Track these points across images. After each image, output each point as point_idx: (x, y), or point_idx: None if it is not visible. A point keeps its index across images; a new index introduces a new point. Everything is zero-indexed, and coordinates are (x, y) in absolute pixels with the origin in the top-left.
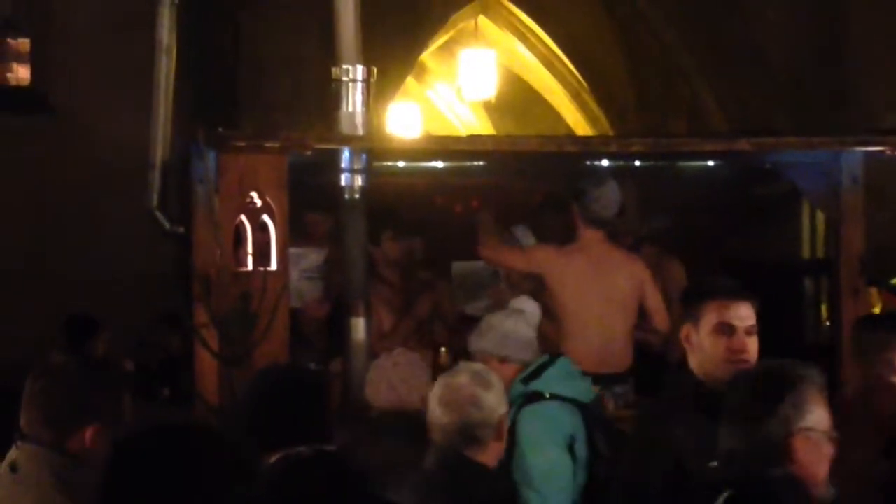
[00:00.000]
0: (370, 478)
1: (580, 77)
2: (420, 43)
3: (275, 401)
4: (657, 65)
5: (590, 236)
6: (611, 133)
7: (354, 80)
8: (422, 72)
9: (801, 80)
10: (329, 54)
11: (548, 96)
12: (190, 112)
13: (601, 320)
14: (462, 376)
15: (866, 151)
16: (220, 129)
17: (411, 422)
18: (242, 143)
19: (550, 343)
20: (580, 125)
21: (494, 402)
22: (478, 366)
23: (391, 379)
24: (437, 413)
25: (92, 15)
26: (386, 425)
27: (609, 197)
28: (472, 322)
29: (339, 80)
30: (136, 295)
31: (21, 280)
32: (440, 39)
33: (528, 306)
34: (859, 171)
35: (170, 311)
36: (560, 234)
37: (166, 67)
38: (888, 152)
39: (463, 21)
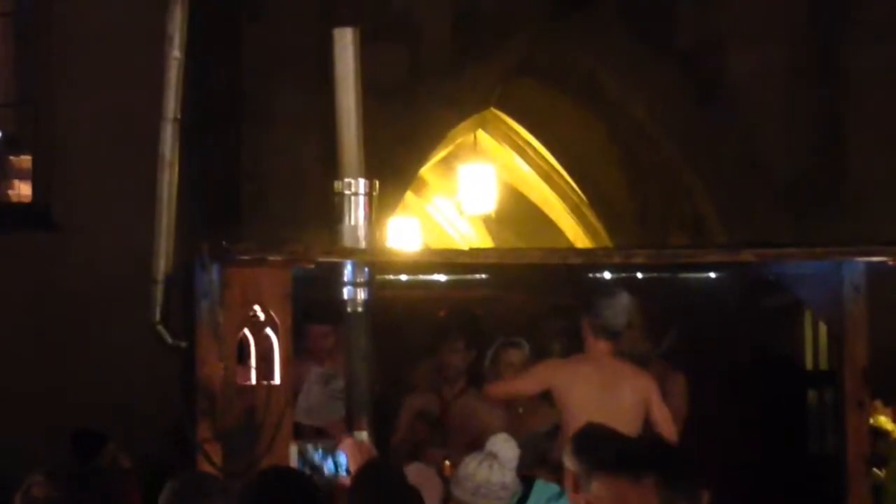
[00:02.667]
0: None
1: (580, 191)
2: (419, 157)
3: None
4: (658, 179)
5: (598, 348)
6: (611, 246)
7: (356, 194)
8: (421, 186)
9: (803, 192)
10: (331, 166)
11: (547, 210)
12: (192, 226)
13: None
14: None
15: (868, 262)
16: (224, 243)
17: None
18: (246, 257)
19: None
20: (580, 239)
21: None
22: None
23: None
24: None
25: (94, 130)
26: None
27: (619, 308)
28: None
29: (341, 194)
30: (139, 410)
31: (23, 395)
32: (439, 154)
33: (503, 449)
34: (861, 281)
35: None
36: (562, 342)
37: (169, 181)
38: (890, 262)
39: (462, 135)
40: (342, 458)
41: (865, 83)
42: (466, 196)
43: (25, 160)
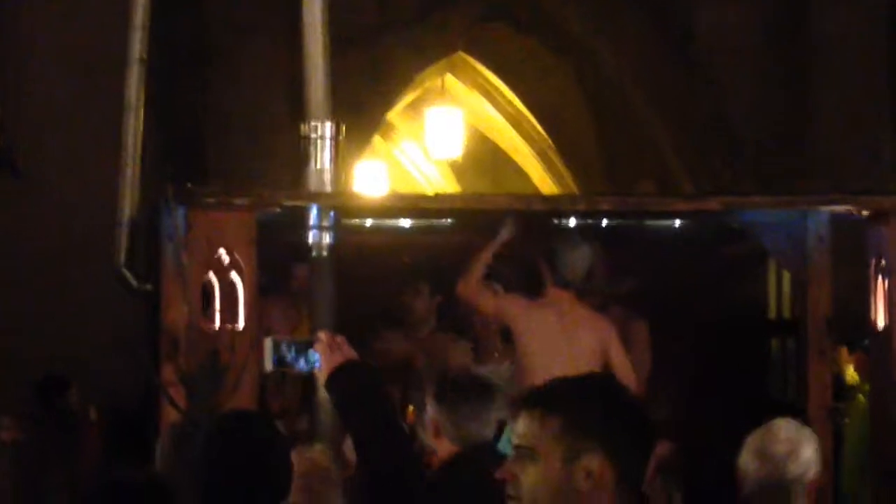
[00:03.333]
0: None
1: (547, 137)
2: (387, 101)
3: (228, 453)
4: (625, 129)
5: (559, 294)
6: (577, 193)
7: (323, 137)
8: (388, 130)
9: (771, 150)
10: (297, 110)
11: (514, 155)
12: (157, 170)
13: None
14: (782, 431)
15: (833, 212)
16: (189, 186)
17: None
18: (211, 200)
19: None
20: (546, 184)
21: (811, 458)
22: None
23: None
24: (751, 465)
25: (58, 75)
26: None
27: (580, 262)
28: None
29: (307, 138)
30: (105, 352)
31: None
32: (407, 98)
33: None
34: (826, 231)
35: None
36: (520, 288)
37: (133, 125)
38: (854, 213)
39: (430, 80)
40: (315, 357)
41: (833, 43)
42: (433, 140)
43: None
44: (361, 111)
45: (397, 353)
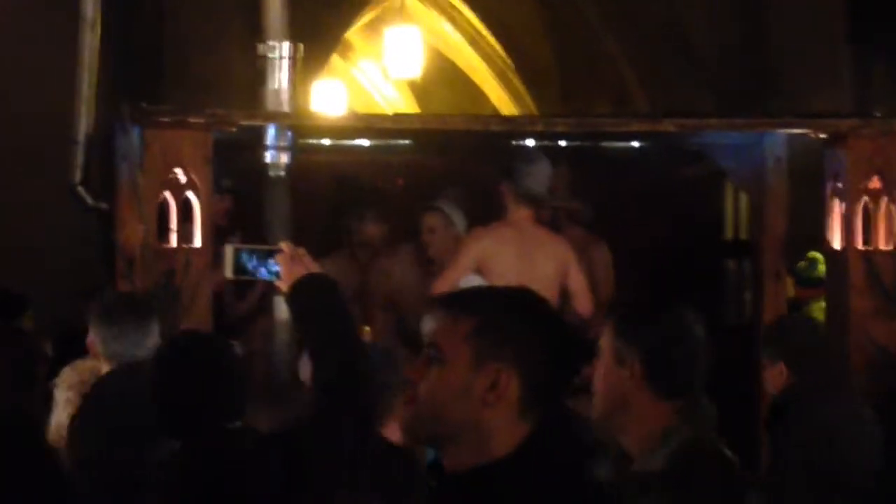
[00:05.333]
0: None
1: (506, 57)
2: (345, 20)
3: (181, 374)
4: (583, 47)
5: (519, 215)
6: (536, 113)
7: (280, 57)
8: (347, 50)
9: (726, 64)
10: (256, 30)
11: (473, 75)
12: (113, 88)
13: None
14: None
15: (790, 134)
16: (144, 104)
17: None
18: (167, 119)
19: None
20: (505, 104)
21: None
22: None
23: None
24: None
25: None
26: None
27: (541, 174)
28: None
29: (264, 57)
30: (58, 271)
31: None
32: (366, 17)
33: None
34: (783, 153)
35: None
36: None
37: (90, 42)
38: (811, 135)
39: None
40: (276, 267)
41: None
42: (392, 60)
43: None
44: (320, 30)
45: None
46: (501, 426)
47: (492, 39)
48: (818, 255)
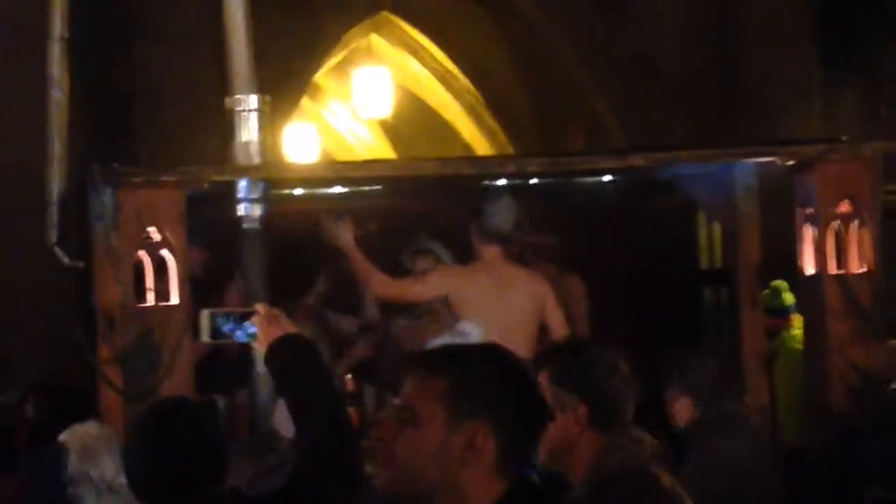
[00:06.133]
0: None
1: (476, 93)
2: (314, 63)
3: (158, 444)
4: (554, 80)
5: (489, 254)
6: (509, 148)
7: (248, 110)
8: (316, 91)
9: (697, 87)
10: (225, 81)
11: (444, 113)
12: (86, 145)
13: (503, 338)
14: None
15: (758, 162)
16: (115, 165)
17: None
18: (139, 179)
19: None
20: (478, 141)
21: None
22: None
23: None
24: None
25: None
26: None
27: (504, 211)
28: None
29: (232, 111)
30: (36, 331)
31: None
32: (334, 59)
33: (475, 331)
34: (753, 181)
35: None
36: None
37: (59, 101)
38: (779, 163)
39: (356, 40)
40: (252, 329)
41: None
42: (361, 100)
43: None
44: (290, 74)
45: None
46: (479, 484)
47: (461, 76)
48: (782, 284)
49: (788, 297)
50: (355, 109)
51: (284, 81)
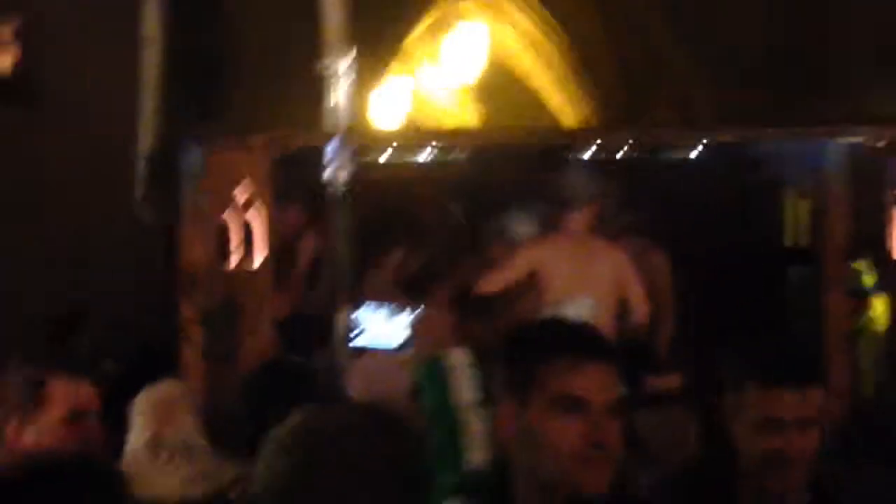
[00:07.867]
0: None
1: (564, 60)
2: (405, 27)
3: (272, 393)
4: (644, 54)
5: (572, 220)
6: (595, 120)
7: (337, 75)
8: (405, 56)
9: (786, 64)
10: (317, 45)
11: (531, 79)
12: (177, 105)
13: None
14: None
15: (848, 142)
16: (207, 126)
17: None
18: (228, 141)
19: None
20: (564, 109)
21: None
22: None
23: (371, 376)
24: None
25: (75, 7)
26: None
27: (581, 178)
28: None
29: (322, 75)
30: (117, 287)
31: (2, 274)
32: (425, 23)
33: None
34: (843, 160)
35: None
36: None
37: (153, 61)
38: (870, 143)
39: (446, 5)
40: None
41: None
42: (451, 65)
43: (5, 31)
44: (381, 39)
45: None
46: None
47: (552, 44)
48: (861, 266)
49: (869, 279)
50: (443, 74)
51: (376, 46)
